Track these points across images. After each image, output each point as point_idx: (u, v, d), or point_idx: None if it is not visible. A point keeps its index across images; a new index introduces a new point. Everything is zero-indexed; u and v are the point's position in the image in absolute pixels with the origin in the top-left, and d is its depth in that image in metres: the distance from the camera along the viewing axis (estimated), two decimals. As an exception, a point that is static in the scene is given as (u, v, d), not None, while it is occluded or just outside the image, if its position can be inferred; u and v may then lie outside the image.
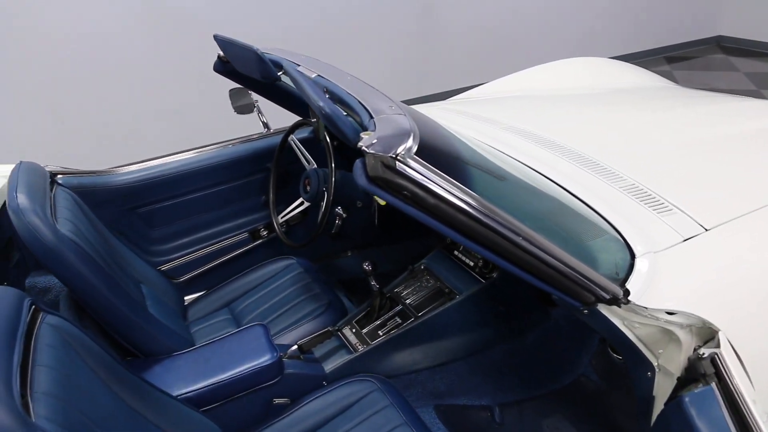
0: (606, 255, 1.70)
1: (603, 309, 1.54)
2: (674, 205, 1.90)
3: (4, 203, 2.07)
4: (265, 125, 2.93)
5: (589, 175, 2.07)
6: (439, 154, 1.61)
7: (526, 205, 1.84)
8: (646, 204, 1.91)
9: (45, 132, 5.00)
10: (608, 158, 2.18)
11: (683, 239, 1.75)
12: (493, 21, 6.41)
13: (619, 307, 1.52)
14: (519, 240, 1.41)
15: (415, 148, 1.36)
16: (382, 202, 2.42)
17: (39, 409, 1.21)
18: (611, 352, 2.10)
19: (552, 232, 1.55)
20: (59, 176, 2.40)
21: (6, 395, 1.15)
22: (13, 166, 2.12)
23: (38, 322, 1.44)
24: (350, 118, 1.80)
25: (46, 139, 5.01)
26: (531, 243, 1.43)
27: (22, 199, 1.85)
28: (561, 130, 2.46)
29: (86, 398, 1.40)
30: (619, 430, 2.20)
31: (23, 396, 1.20)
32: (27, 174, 2.02)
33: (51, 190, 2.10)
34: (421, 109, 2.91)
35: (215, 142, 2.84)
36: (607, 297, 1.50)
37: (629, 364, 1.69)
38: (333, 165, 2.40)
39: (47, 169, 2.27)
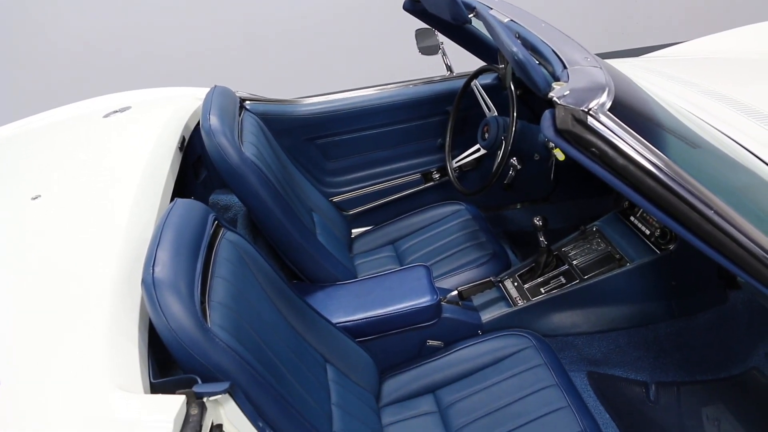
0: (807, 241, 1.54)
1: (795, 300, 1.42)
2: None
3: (198, 123, 2.19)
4: (449, 68, 2.90)
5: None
6: (633, 112, 1.51)
7: (721, 177, 1.70)
8: None
9: (240, 61, 5.24)
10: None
11: None
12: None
13: (815, 300, 1.39)
14: (710, 213, 1.31)
15: (609, 104, 1.29)
16: (561, 157, 2.34)
17: (215, 317, 1.29)
18: None
19: (747, 209, 1.43)
20: (248, 102, 2.52)
21: (188, 299, 1.23)
22: (208, 89, 2.23)
23: (219, 236, 1.53)
24: (542, 67, 1.74)
25: (240, 67, 5.26)
26: (723, 217, 1.32)
27: (213, 121, 1.96)
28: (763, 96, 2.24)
29: (254, 312, 1.48)
30: None
31: (202, 303, 1.29)
32: (220, 98, 2.13)
33: (239, 115, 2.20)
34: (614, 64, 2.76)
35: (397, 81, 2.84)
36: (803, 288, 1.37)
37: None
38: (515, 114, 2.34)
39: (238, 94, 2.37)
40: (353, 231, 2.85)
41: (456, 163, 2.75)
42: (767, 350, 2.22)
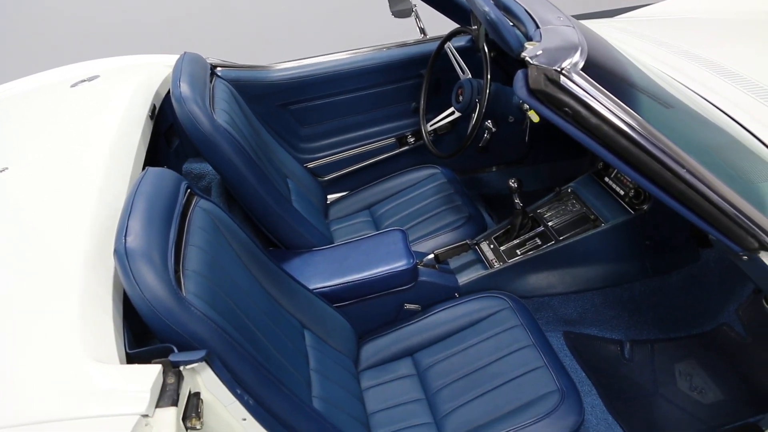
0: (778, 199, 1.56)
1: (766, 257, 1.43)
2: None
3: (168, 91, 2.16)
4: (422, 31, 2.87)
5: (768, 110, 1.89)
6: (606, 72, 1.51)
7: (694, 136, 1.71)
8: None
9: (209, 26, 5.14)
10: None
11: None
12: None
13: (785, 257, 1.41)
14: (682, 171, 1.32)
15: (581, 64, 1.29)
16: (536, 119, 2.33)
17: (189, 285, 1.28)
18: (765, 305, 1.97)
19: (719, 168, 1.44)
20: (219, 68, 2.48)
21: (162, 269, 1.22)
22: (177, 57, 2.19)
23: (192, 205, 1.51)
24: (515, 28, 1.72)
25: (210, 33, 5.16)
26: (695, 176, 1.33)
27: (184, 88, 1.93)
28: (743, 59, 2.24)
29: (230, 280, 1.47)
30: (759, 389, 2.08)
31: (176, 272, 1.28)
32: (190, 65, 2.10)
33: (210, 82, 2.17)
34: (587, 25, 2.75)
35: (370, 45, 2.81)
36: (774, 245, 1.39)
37: (786, 321, 1.58)
38: (489, 76, 2.32)
39: (208, 61, 2.34)
40: (329, 197, 2.84)
41: (430, 126, 2.74)
42: (737, 307, 2.26)
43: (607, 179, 2.38)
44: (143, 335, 1.31)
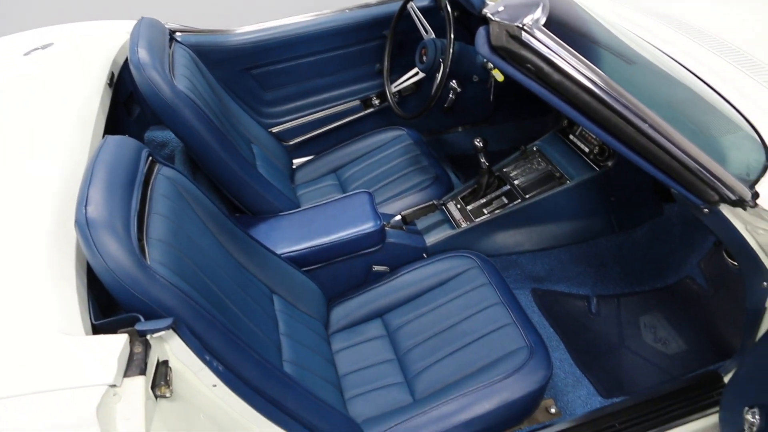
0: (738, 153, 1.58)
1: (726, 210, 1.46)
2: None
3: (127, 58, 2.11)
4: (385, -9, 2.84)
5: (729, 66, 1.90)
6: (568, 28, 1.50)
7: (655, 92, 1.72)
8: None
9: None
10: (756, 48, 1.99)
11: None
12: None
13: (745, 209, 1.43)
14: (644, 126, 1.33)
15: (543, 20, 1.28)
16: (500, 78, 2.33)
17: (154, 253, 1.27)
18: (726, 257, 2.01)
19: (680, 123, 1.45)
20: (178, 34, 2.43)
21: (125, 238, 1.20)
22: (135, 22, 2.14)
23: (154, 172, 1.49)
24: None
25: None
26: (656, 131, 1.34)
27: (142, 54, 1.89)
28: (705, 14, 2.25)
29: (196, 248, 1.46)
30: (720, 338, 2.14)
31: (140, 240, 1.26)
32: (148, 30, 2.05)
33: (170, 47, 2.12)
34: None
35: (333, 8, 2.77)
36: (733, 198, 1.41)
37: (744, 272, 1.61)
38: (452, 36, 2.31)
39: (167, 26, 2.29)
40: (294, 161, 2.82)
41: (395, 87, 2.72)
42: (699, 259, 2.30)
43: (571, 137, 2.39)
44: (110, 307, 1.30)
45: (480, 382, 1.68)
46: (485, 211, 2.27)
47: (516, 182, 2.33)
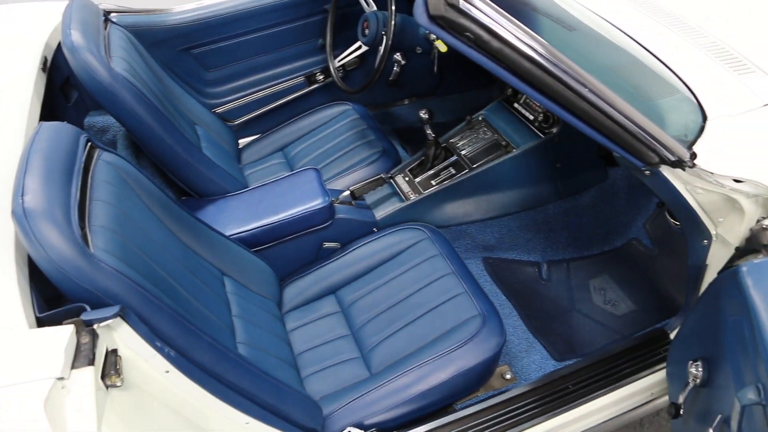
0: (676, 115, 1.61)
1: (666, 171, 1.49)
2: (758, 66, 1.76)
3: (60, 42, 2.05)
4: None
5: (666, 30, 1.93)
6: (507, -4, 1.51)
7: (595, 57, 1.74)
8: (726, 63, 1.77)
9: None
10: (692, 13, 2.02)
11: (763, 104, 1.64)
12: None
13: (684, 170, 1.46)
14: (584, 91, 1.34)
15: (482, -13, 1.27)
16: (443, 49, 2.33)
17: (97, 241, 1.24)
18: (668, 218, 2.05)
19: (620, 87, 1.47)
20: (113, 14, 2.35)
21: (66, 226, 1.17)
22: (66, 3, 2.07)
23: (95, 158, 1.45)
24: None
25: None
26: (597, 95, 1.36)
27: (76, 37, 1.83)
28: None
29: (141, 233, 1.43)
30: (665, 297, 2.19)
31: (82, 228, 1.23)
32: (80, 11, 1.98)
33: (105, 29, 2.06)
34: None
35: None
36: (672, 159, 1.43)
37: (686, 231, 1.65)
38: (393, 8, 2.30)
39: (101, 7, 2.22)
40: (240, 141, 2.78)
41: (338, 62, 2.70)
42: (644, 221, 2.35)
43: (516, 105, 2.41)
44: (57, 299, 1.27)
45: (435, 353, 1.69)
46: (433, 182, 2.28)
47: (463, 152, 2.34)
